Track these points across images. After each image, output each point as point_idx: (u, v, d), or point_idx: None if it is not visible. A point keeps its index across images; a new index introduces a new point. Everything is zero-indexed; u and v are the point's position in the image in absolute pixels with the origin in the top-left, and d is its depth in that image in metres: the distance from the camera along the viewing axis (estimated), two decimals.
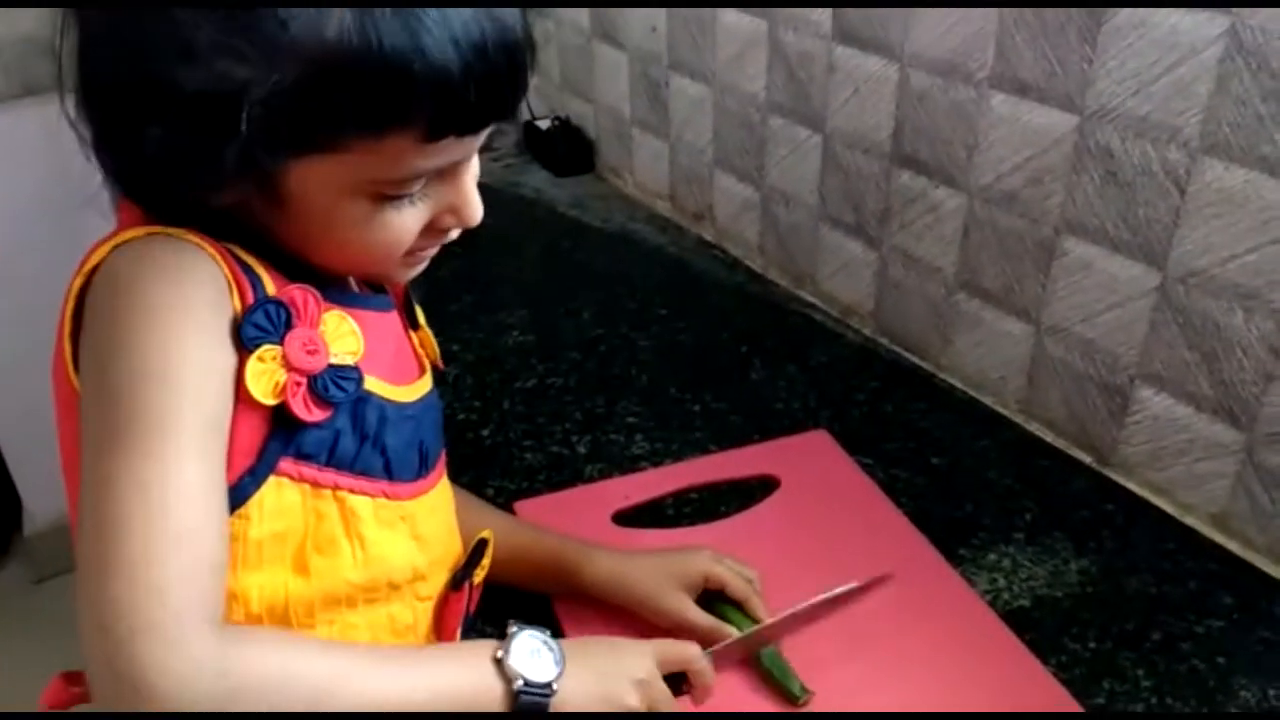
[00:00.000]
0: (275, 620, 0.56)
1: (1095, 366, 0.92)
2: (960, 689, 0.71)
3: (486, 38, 0.50)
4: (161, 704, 0.44)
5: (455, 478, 0.86)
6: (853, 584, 0.76)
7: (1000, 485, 0.92)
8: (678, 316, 1.20)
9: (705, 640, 0.72)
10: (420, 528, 0.62)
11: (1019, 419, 1.01)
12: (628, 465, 0.94)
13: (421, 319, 0.70)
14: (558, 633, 0.76)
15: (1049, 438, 0.98)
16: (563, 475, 0.93)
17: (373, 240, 0.55)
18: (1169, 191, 0.81)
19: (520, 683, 0.56)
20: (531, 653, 0.58)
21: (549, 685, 0.58)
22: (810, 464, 0.93)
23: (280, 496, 0.54)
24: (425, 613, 0.64)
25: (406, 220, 0.56)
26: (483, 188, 0.59)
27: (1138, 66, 0.80)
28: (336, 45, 0.48)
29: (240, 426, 0.53)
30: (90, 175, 0.56)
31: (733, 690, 0.71)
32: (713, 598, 0.75)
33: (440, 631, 0.65)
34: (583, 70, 1.58)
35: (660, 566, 0.75)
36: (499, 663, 0.57)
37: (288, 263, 0.56)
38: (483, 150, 0.60)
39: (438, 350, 0.70)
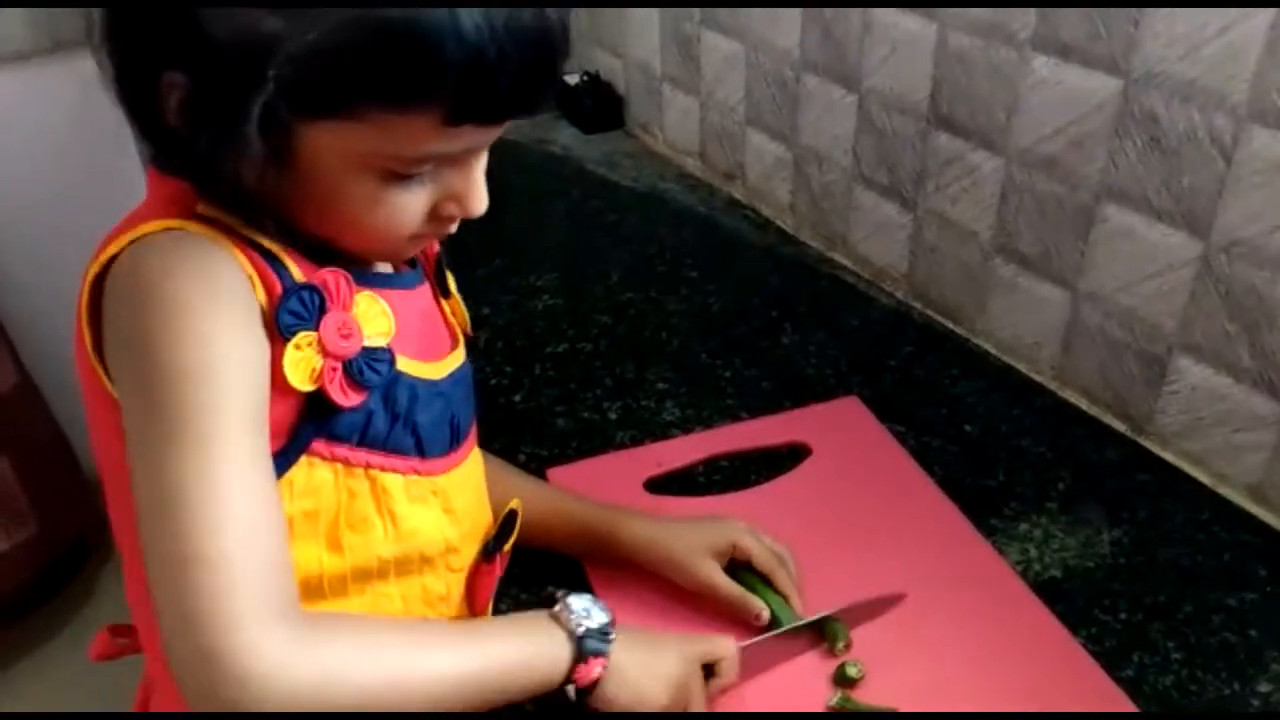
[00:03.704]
0: (309, 592, 0.57)
1: (1133, 335, 0.91)
2: (989, 661, 0.71)
3: (525, 28, 0.49)
4: (259, 690, 0.46)
5: (487, 444, 0.87)
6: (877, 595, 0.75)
7: (1033, 454, 0.91)
8: (708, 279, 1.19)
9: (731, 609, 0.73)
10: (452, 501, 0.63)
11: (1053, 386, 1.00)
12: (659, 432, 0.95)
13: (453, 286, 0.70)
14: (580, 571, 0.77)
15: (1084, 406, 0.97)
16: (594, 442, 0.94)
17: (375, 220, 0.55)
18: (1214, 159, 0.79)
19: (582, 629, 0.59)
20: (584, 609, 0.61)
21: (608, 629, 0.60)
22: (841, 432, 0.93)
23: (311, 476, 0.55)
24: (458, 583, 0.65)
25: (410, 202, 0.55)
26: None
27: (1187, 29, 0.78)
28: (375, 12, 0.47)
29: (272, 410, 0.53)
30: (119, 131, 0.56)
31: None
32: (740, 567, 0.75)
33: (473, 602, 0.67)
34: (613, 24, 1.56)
35: (692, 533, 0.76)
36: (556, 616, 0.59)
37: (309, 245, 0.56)
38: None
39: (468, 318, 0.70)
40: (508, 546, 0.68)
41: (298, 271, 0.54)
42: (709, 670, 0.67)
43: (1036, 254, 0.97)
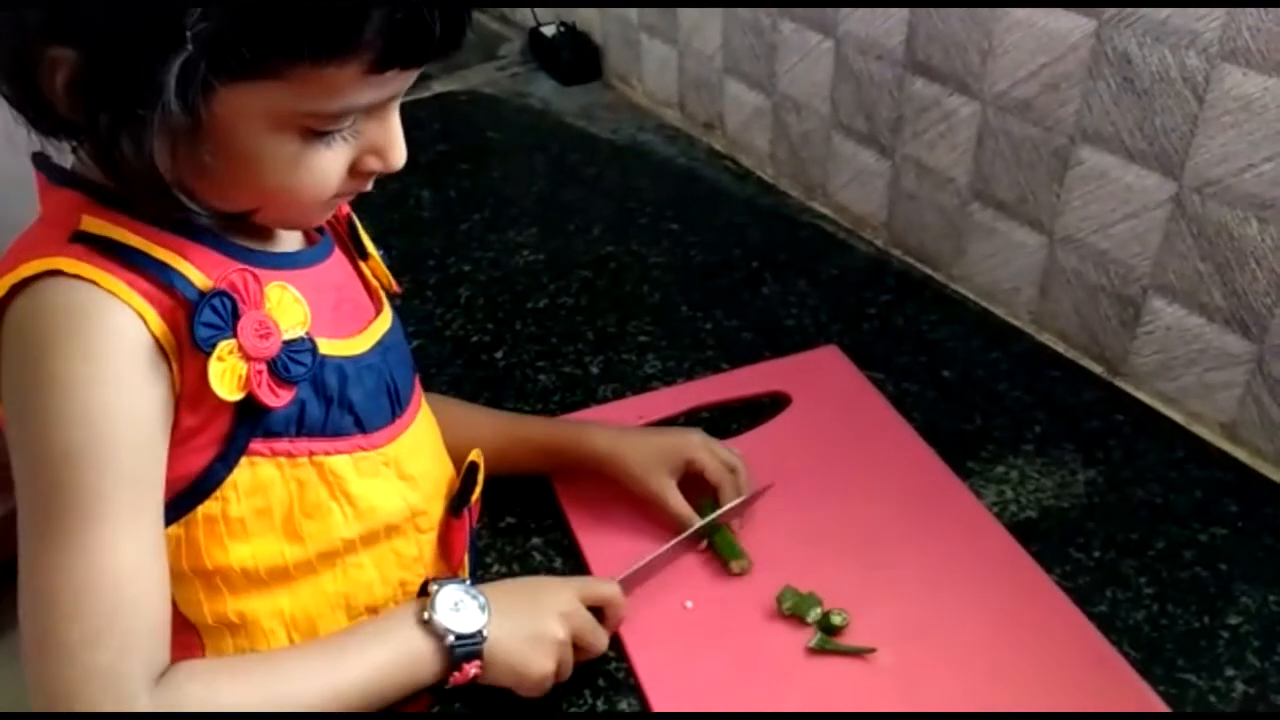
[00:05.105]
0: (277, 577, 0.57)
1: (1108, 277, 0.91)
2: (967, 602, 0.72)
3: None
4: None
5: (471, 400, 0.88)
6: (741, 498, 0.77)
7: (1010, 397, 0.92)
8: (689, 231, 1.19)
9: (673, 524, 0.76)
10: (406, 467, 0.62)
11: (1030, 330, 1.01)
12: (640, 385, 0.95)
13: (370, 247, 0.68)
14: (559, 513, 0.80)
15: (1060, 348, 0.98)
16: (576, 396, 0.94)
17: (297, 182, 0.53)
18: (1186, 99, 0.79)
19: (451, 638, 0.58)
20: (455, 605, 0.60)
21: (478, 633, 0.60)
22: (821, 380, 0.94)
23: (255, 475, 0.55)
24: (429, 542, 0.65)
25: (331, 160, 0.53)
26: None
27: None
28: None
29: (202, 421, 0.53)
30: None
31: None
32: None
33: (448, 558, 0.67)
34: None
35: (651, 447, 0.78)
36: (426, 624, 0.59)
37: (214, 229, 0.54)
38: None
39: (390, 277, 0.68)
40: (475, 498, 0.68)
41: (198, 276, 0.52)
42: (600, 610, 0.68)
43: (1013, 198, 0.98)
